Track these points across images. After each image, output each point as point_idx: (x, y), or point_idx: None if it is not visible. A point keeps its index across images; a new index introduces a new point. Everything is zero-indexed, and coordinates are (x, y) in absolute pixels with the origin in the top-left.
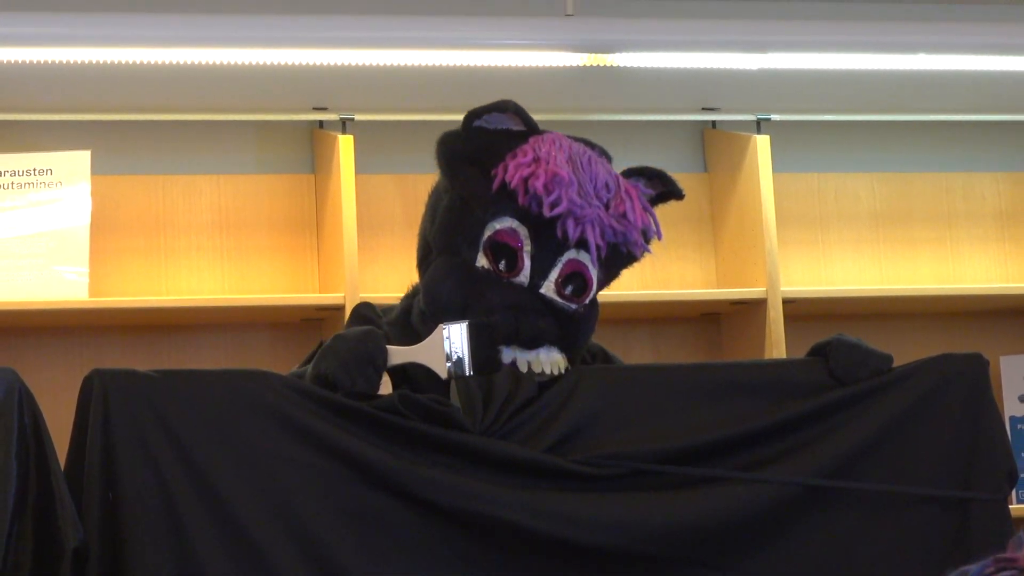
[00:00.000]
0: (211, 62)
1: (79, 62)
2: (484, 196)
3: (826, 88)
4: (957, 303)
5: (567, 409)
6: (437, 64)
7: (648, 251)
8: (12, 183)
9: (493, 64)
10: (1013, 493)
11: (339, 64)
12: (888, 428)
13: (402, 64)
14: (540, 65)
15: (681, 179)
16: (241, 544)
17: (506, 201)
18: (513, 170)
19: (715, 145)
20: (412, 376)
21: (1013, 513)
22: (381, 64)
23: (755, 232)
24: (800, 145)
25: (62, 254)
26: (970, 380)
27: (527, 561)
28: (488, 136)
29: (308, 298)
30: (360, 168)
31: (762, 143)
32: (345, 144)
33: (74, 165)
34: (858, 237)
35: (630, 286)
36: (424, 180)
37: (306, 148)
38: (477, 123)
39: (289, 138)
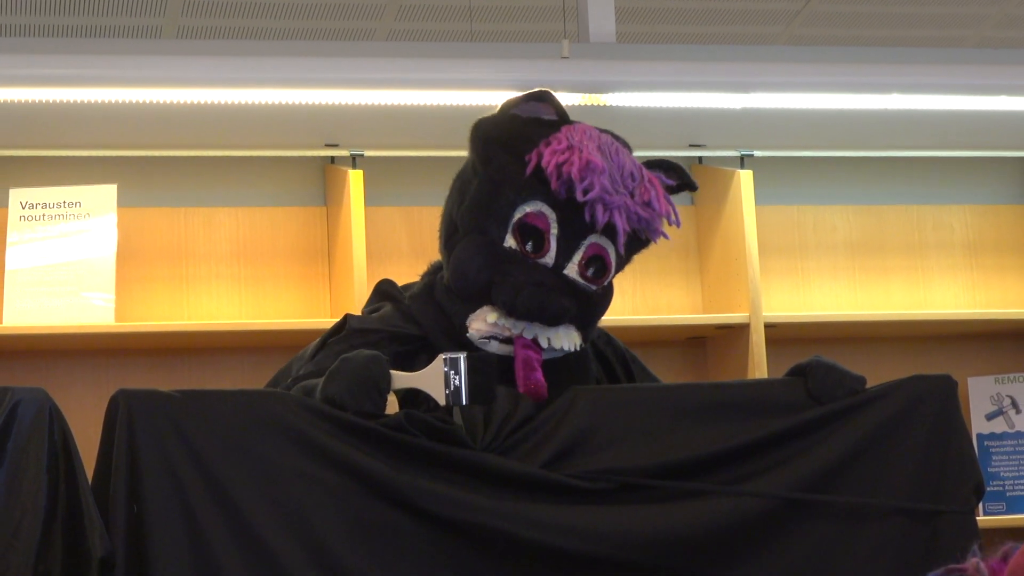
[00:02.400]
0: (229, 102)
1: (106, 102)
2: (516, 180)
3: (805, 126)
4: (927, 327)
5: (563, 428)
6: (441, 104)
7: (666, 237)
8: (43, 215)
9: (495, 104)
10: (980, 506)
11: (349, 103)
12: (863, 445)
13: (408, 104)
14: None
15: None
16: (257, 553)
17: (537, 186)
18: (548, 156)
19: (701, 179)
20: (416, 393)
21: (980, 525)
22: (388, 103)
23: (739, 261)
24: (781, 179)
25: (90, 281)
26: (940, 400)
27: (525, 569)
28: (522, 124)
29: (320, 323)
30: (369, 201)
31: (745, 177)
32: (355, 178)
33: (101, 198)
34: (835, 265)
35: (622, 311)
36: (430, 212)
37: (318, 182)
38: (513, 111)
39: (302, 173)
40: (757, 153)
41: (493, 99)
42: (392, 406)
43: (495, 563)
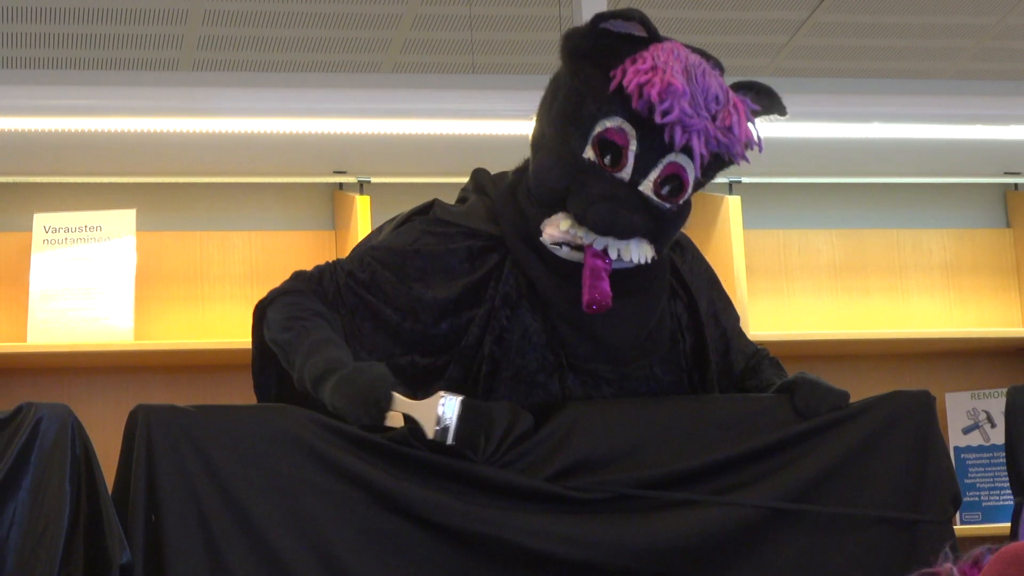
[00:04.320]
0: (243, 131)
1: (126, 131)
2: (600, 94)
3: (791, 154)
4: (907, 345)
5: (562, 442)
6: (444, 133)
7: (747, 160)
8: (66, 238)
9: (495, 133)
10: (957, 515)
11: (357, 133)
12: (846, 457)
13: (413, 133)
14: None
15: None
16: (269, 560)
17: (619, 101)
18: (631, 75)
19: (692, 205)
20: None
21: (957, 533)
22: (394, 133)
23: (727, 282)
24: (767, 205)
25: (110, 302)
26: (919, 414)
27: None
28: (611, 38)
29: None
30: (376, 225)
31: (733, 203)
32: (362, 204)
33: (121, 222)
34: (819, 286)
35: None
36: None
37: (327, 207)
38: (603, 25)
39: (312, 198)
40: (744, 179)
41: (494, 128)
42: (397, 420)
43: (496, 570)
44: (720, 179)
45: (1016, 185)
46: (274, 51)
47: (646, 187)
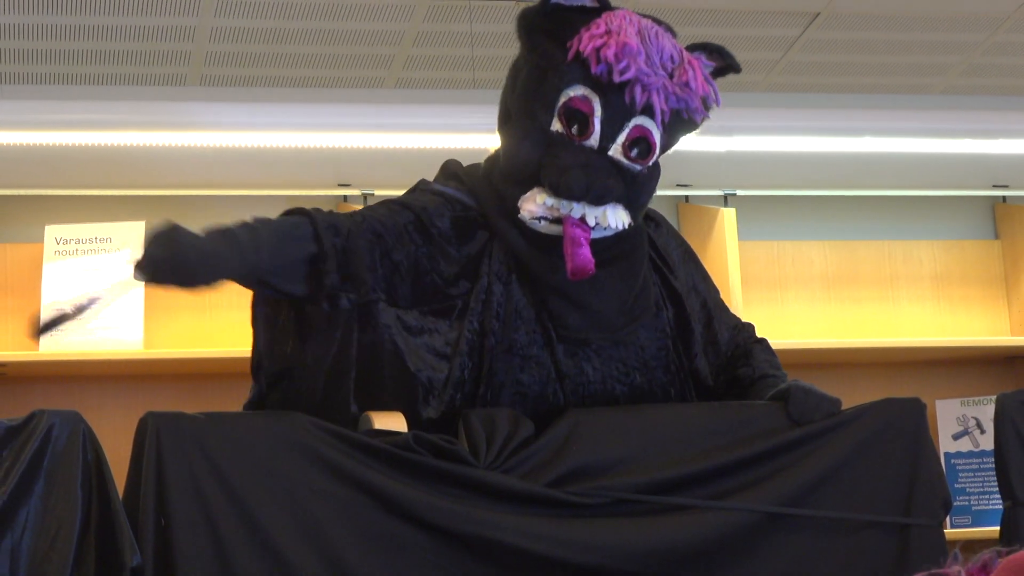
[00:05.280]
0: (249, 145)
1: (135, 145)
2: (560, 66)
3: (785, 167)
4: (898, 354)
5: (562, 449)
6: (446, 147)
7: (707, 117)
8: (77, 249)
9: (495, 146)
10: (948, 519)
11: (360, 146)
12: (839, 463)
13: (415, 146)
14: None
15: None
16: (276, 563)
17: (579, 70)
18: (587, 40)
19: (688, 216)
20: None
21: (948, 537)
22: (397, 146)
23: (723, 292)
24: (762, 216)
25: (120, 311)
26: (910, 421)
27: None
28: (564, 12)
29: None
30: None
31: (729, 215)
32: None
33: (130, 234)
34: (812, 296)
35: None
36: None
37: None
38: (555, 0)
39: None
40: (740, 192)
41: (495, 142)
42: (400, 425)
43: (497, 572)
44: (716, 192)
45: (1004, 198)
46: (279, 67)
47: (615, 151)
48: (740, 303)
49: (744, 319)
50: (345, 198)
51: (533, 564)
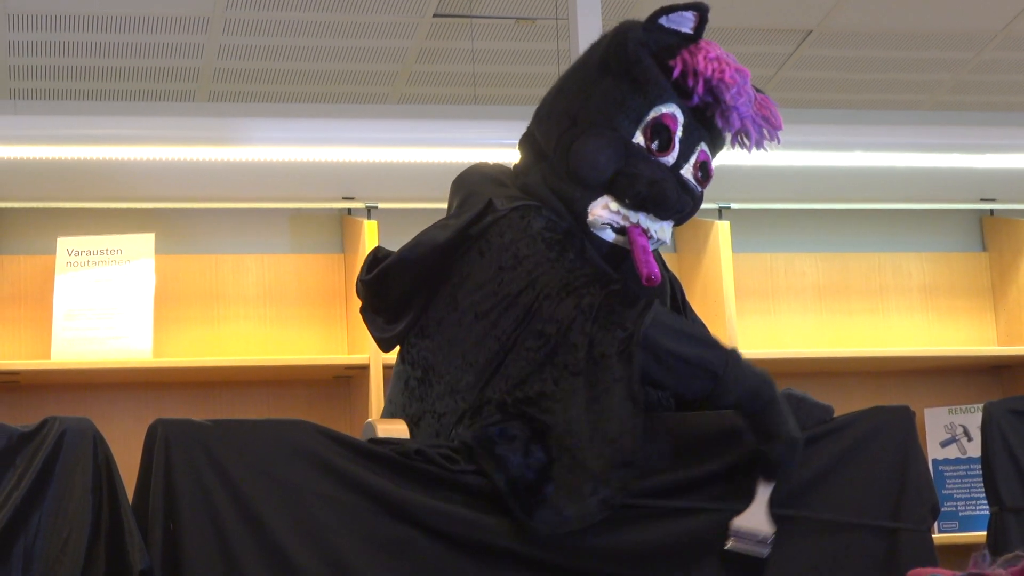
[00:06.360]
0: (256, 159)
1: (145, 159)
2: (658, 82)
3: (778, 181)
4: (887, 363)
5: None
6: (448, 160)
7: (779, 142)
8: (88, 261)
9: (496, 161)
10: (935, 524)
11: (365, 160)
12: (829, 468)
13: (418, 160)
14: None
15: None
16: (282, 567)
17: (672, 91)
18: (703, 62)
19: (683, 229)
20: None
21: (935, 542)
22: (400, 160)
23: (717, 303)
24: (755, 229)
25: (130, 321)
26: (899, 428)
27: None
28: (666, 33)
29: (339, 359)
30: None
31: (723, 227)
32: (370, 228)
33: (140, 246)
34: (804, 307)
35: None
36: None
37: (336, 231)
38: (660, 20)
39: (322, 223)
40: (734, 205)
41: (495, 157)
42: (404, 433)
43: (496, 575)
44: (710, 205)
45: (991, 211)
46: (286, 83)
47: (687, 171)
48: (734, 314)
49: (738, 329)
50: (349, 211)
51: (533, 567)
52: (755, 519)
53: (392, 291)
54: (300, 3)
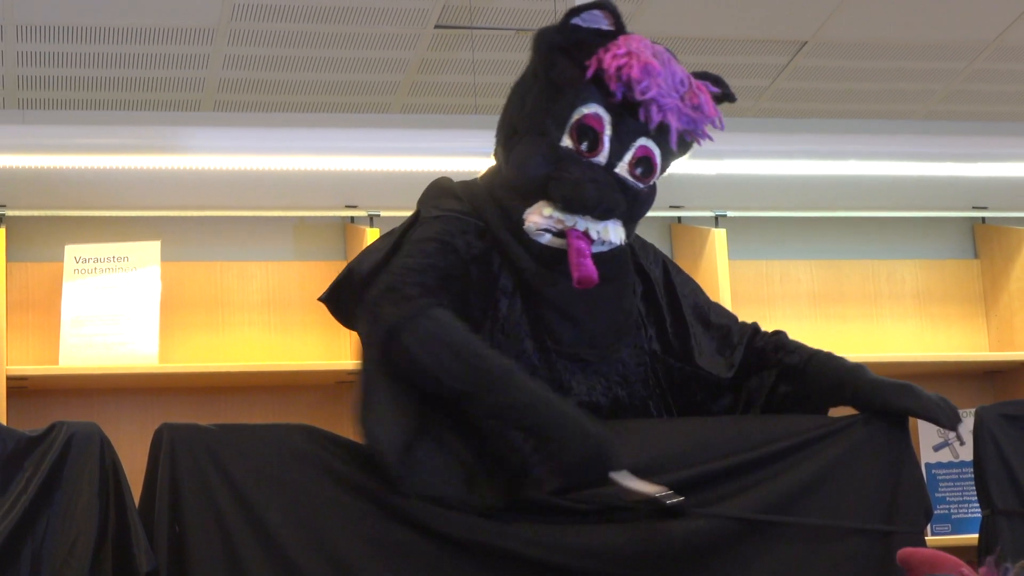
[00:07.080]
0: (260, 168)
1: (151, 168)
2: (576, 83)
3: (773, 189)
4: (881, 369)
5: None
6: (449, 170)
7: (711, 140)
8: (95, 268)
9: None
10: (928, 527)
11: (367, 169)
12: (824, 472)
13: (420, 169)
14: None
15: None
16: (285, 568)
17: (593, 90)
18: (610, 60)
19: (680, 237)
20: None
21: (929, 544)
22: (402, 169)
23: None
24: (751, 237)
25: (136, 327)
26: (893, 432)
27: None
28: (581, 32)
29: (341, 365)
30: None
31: (719, 235)
32: (372, 236)
33: (146, 253)
34: (799, 314)
35: None
36: None
37: (339, 239)
38: (575, 20)
39: (325, 231)
40: (730, 213)
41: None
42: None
43: None
44: (707, 213)
45: (984, 219)
46: (290, 93)
47: (622, 169)
48: None
49: None
50: (352, 219)
51: (533, 568)
52: (639, 487)
53: (347, 303)
54: (304, 15)
